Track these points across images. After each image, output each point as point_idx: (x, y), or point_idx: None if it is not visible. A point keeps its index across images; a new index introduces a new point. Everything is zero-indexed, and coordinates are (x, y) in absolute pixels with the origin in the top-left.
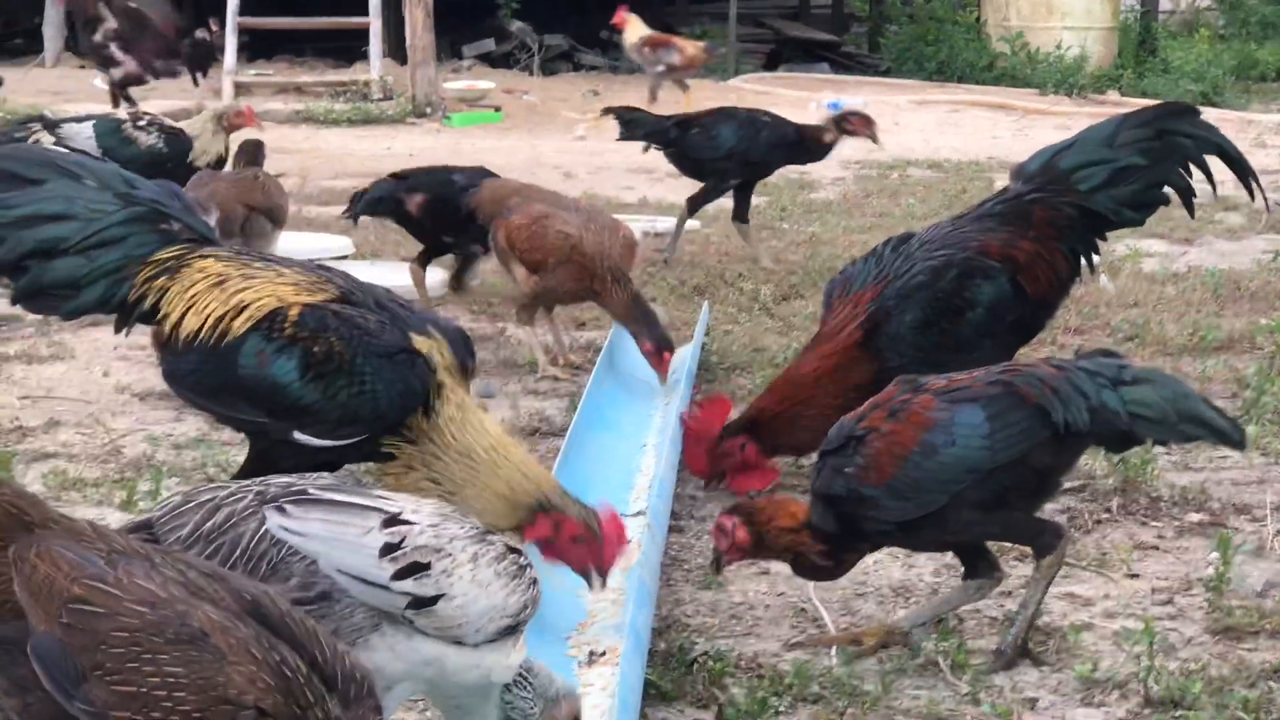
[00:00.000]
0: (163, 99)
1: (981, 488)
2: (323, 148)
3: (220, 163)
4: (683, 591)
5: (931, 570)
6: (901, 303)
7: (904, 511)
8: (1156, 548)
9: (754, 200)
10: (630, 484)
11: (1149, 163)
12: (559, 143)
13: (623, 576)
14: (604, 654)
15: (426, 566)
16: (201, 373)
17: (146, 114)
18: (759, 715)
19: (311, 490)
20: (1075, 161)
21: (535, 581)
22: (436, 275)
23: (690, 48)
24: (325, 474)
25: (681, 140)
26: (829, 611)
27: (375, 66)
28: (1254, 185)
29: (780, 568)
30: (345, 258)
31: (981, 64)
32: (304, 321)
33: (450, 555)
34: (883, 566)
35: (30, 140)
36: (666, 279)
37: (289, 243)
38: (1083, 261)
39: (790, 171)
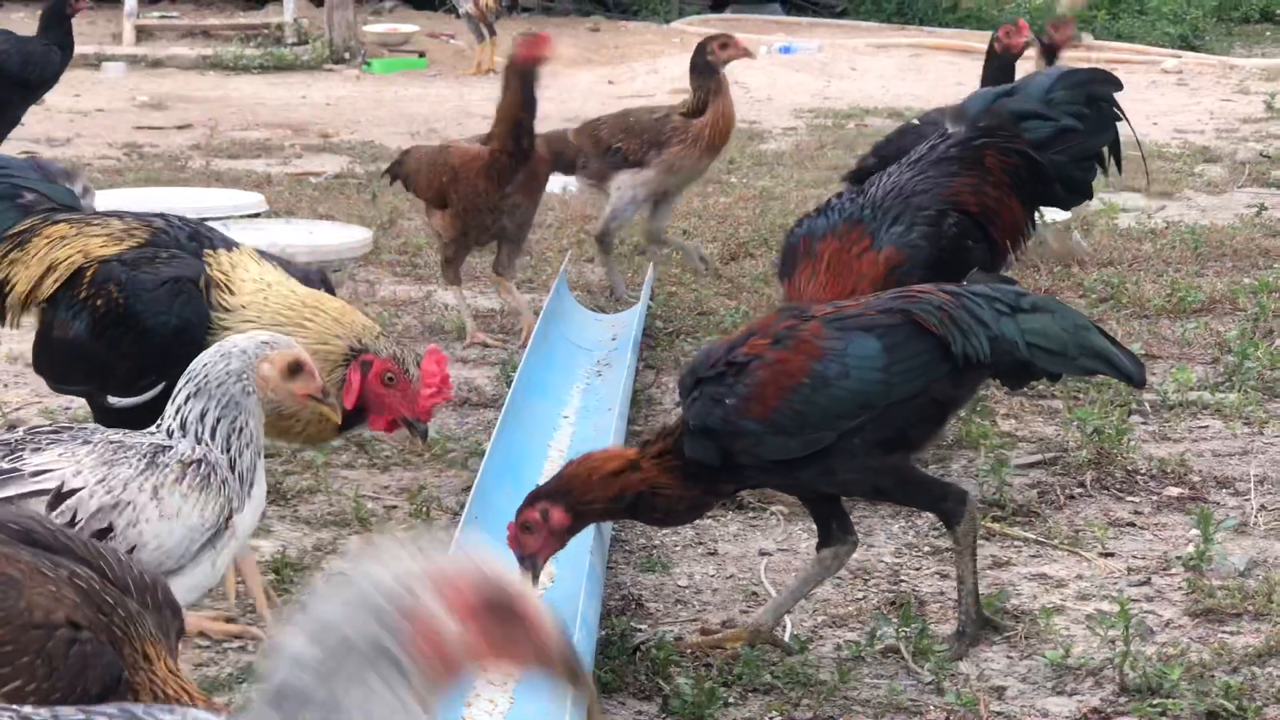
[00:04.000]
0: None
1: (877, 425)
2: (232, 96)
3: None
4: (623, 573)
5: (892, 550)
6: (914, 251)
7: (786, 449)
8: (1133, 524)
9: None
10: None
11: (1085, 129)
12: (489, 90)
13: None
14: None
15: (109, 529)
16: (41, 350)
17: None
18: (707, 707)
19: None
20: (1021, 109)
21: (225, 482)
22: None
23: None
24: None
25: None
26: (781, 594)
27: (289, 8)
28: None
29: (729, 547)
30: (257, 215)
31: (945, 4)
32: (95, 279)
33: (130, 504)
34: None
35: None
36: None
37: (198, 200)
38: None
39: (740, 119)
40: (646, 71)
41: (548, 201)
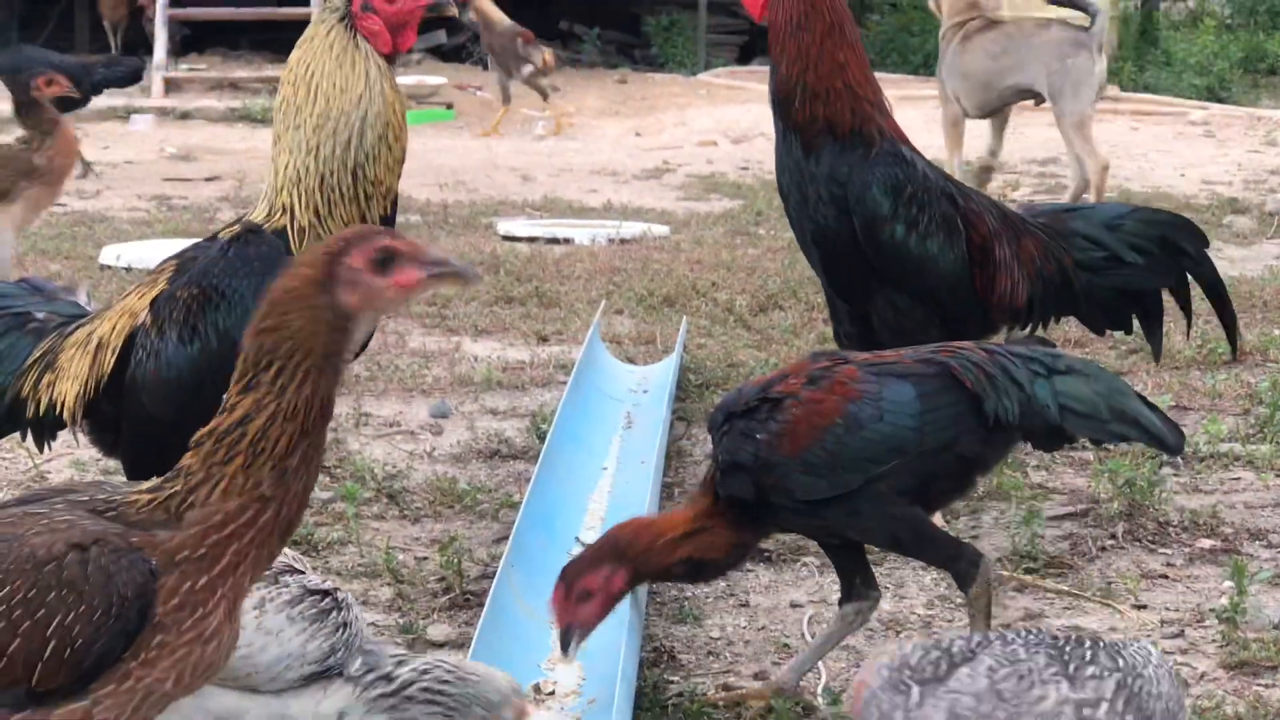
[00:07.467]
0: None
1: (904, 473)
2: (261, 148)
3: None
4: (655, 625)
5: (924, 602)
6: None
7: (814, 489)
8: (1165, 576)
9: (728, 204)
10: (602, 509)
11: (1141, 264)
12: (516, 142)
13: None
14: (551, 692)
15: None
16: (136, 432)
17: None
18: None
19: None
20: (1079, 229)
21: (346, 625)
22: None
23: (547, 54)
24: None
25: None
26: (803, 652)
27: None
28: (1235, 333)
29: (761, 599)
30: None
31: None
32: (158, 311)
33: None
34: None
35: None
36: (634, 288)
37: None
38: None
39: (765, 173)
40: (674, 124)
41: (576, 254)
